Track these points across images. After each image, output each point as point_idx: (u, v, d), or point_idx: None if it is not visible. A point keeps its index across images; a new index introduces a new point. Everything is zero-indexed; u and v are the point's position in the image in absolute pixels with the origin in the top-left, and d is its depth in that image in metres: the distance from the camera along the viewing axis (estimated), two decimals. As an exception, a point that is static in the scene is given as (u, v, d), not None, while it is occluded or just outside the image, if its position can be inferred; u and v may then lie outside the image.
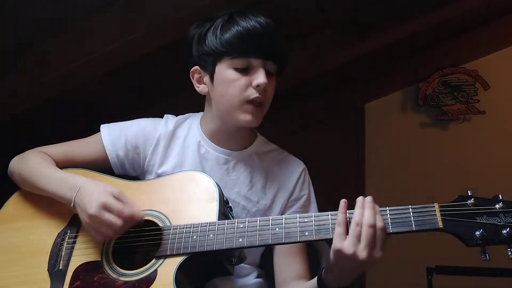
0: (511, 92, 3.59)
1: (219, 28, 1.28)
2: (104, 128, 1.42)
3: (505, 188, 3.61)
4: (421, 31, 3.06)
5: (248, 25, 1.25)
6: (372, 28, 2.74)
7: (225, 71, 1.28)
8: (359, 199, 1.10)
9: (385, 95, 3.82)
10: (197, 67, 1.35)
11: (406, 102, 3.78)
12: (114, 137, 1.39)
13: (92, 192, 1.19)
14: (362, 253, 1.05)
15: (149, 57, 2.15)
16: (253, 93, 1.27)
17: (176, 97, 2.65)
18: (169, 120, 1.44)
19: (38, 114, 2.27)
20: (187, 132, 1.42)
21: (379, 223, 1.06)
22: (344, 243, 1.06)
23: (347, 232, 1.07)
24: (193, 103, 1.49)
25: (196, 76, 1.36)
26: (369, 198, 1.10)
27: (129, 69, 2.20)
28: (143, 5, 1.90)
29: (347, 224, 1.08)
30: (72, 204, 1.21)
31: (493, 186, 3.30)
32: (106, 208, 1.15)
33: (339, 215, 1.09)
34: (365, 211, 1.08)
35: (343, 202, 1.10)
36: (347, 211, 1.10)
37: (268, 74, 1.28)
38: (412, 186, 3.55)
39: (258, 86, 1.26)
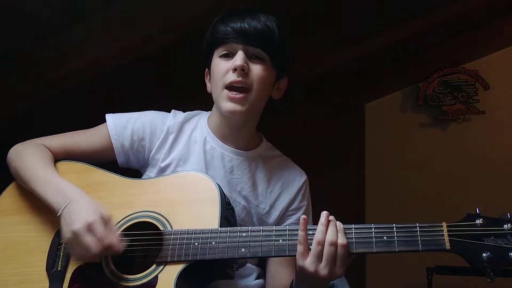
0: (511, 92, 3.59)
1: (212, 27, 1.34)
2: (109, 117, 1.40)
3: (505, 188, 3.63)
4: (421, 31, 3.06)
5: (231, 16, 1.30)
6: (372, 28, 2.74)
7: (214, 61, 1.32)
8: (323, 214, 1.11)
9: (385, 95, 3.82)
10: (207, 69, 1.40)
11: (406, 102, 3.78)
12: (120, 127, 1.38)
13: (82, 209, 1.15)
14: (323, 271, 1.07)
15: (149, 57, 2.15)
16: (231, 77, 1.27)
17: (176, 97, 2.65)
18: (177, 114, 1.44)
19: (38, 114, 2.27)
20: (194, 127, 1.42)
21: (341, 241, 1.08)
22: (305, 262, 1.08)
23: (308, 249, 1.09)
24: (193, 103, 1.49)
25: (208, 77, 1.40)
26: (332, 217, 1.11)
27: (129, 69, 2.20)
28: (143, 5, 1.90)
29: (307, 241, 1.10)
30: (58, 214, 1.17)
31: (493, 186, 3.33)
32: (90, 229, 1.11)
33: (300, 233, 1.10)
34: (329, 228, 1.09)
35: (302, 219, 1.11)
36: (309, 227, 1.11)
37: (254, 58, 1.29)
38: (412, 186, 3.56)
39: (235, 69, 1.26)
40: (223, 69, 1.28)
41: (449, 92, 3.68)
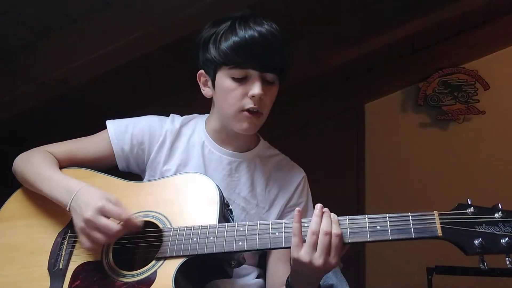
0: (511, 92, 3.60)
1: (219, 37, 1.28)
2: (110, 123, 1.43)
3: (504, 188, 3.62)
4: (421, 31, 3.07)
5: (246, 36, 1.25)
6: (372, 28, 2.74)
7: (223, 79, 1.29)
8: (317, 206, 1.13)
9: (385, 95, 3.83)
10: (202, 70, 1.37)
11: (406, 102, 3.78)
12: (119, 131, 1.40)
13: (89, 197, 1.17)
14: (318, 260, 1.08)
15: (149, 57, 2.15)
16: (248, 103, 1.28)
17: (176, 97, 2.65)
18: (176, 119, 1.45)
19: (38, 114, 2.27)
20: (192, 132, 1.43)
21: (335, 231, 1.09)
22: (300, 252, 1.09)
23: (302, 241, 1.10)
24: (193, 102, 1.49)
25: (202, 79, 1.38)
26: (326, 209, 1.13)
27: (129, 69, 2.20)
28: (143, 5, 1.90)
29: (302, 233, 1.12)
30: (68, 208, 1.20)
31: (493, 186, 3.34)
32: (102, 212, 1.13)
33: (294, 224, 1.11)
34: (323, 219, 1.11)
35: (297, 211, 1.12)
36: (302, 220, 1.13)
37: (266, 83, 1.29)
38: (412, 186, 3.56)
39: (253, 96, 1.27)
40: (238, 93, 1.27)
41: (449, 92, 3.69)
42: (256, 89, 1.26)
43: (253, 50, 1.25)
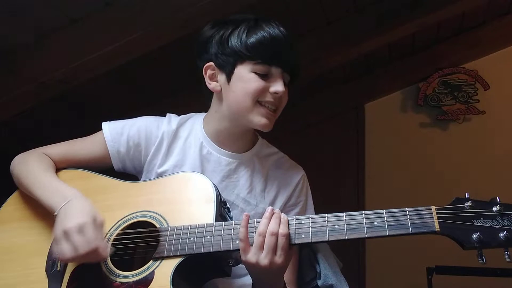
0: (511, 92, 3.59)
1: (245, 31, 1.30)
2: (105, 125, 1.43)
3: (504, 188, 3.63)
4: (421, 31, 3.06)
5: (274, 33, 1.29)
6: (372, 28, 2.74)
7: (245, 73, 1.30)
8: (268, 209, 1.16)
9: (385, 95, 3.83)
10: (211, 63, 1.35)
11: (406, 102, 3.78)
12: (115, 133, 1.40)
13: (77, 210, 1.17)
14: (264, 260, 1.11)
15: (149, 57, 2.15)
16: (268, 97, 1.30)
17: (175, 97, 2.65)
18: (172, 119, 1.44)
19: (38, 114, 2.27)
20: (189, 132, 1.42)
21: (282, 231, 1.12)
22: (248, 255, 1.13)
23: (249, 245, 1.14)
24: (193, 102, 1.49)
25: (209, 72, 1.36)
26: (277, 210, 1.16)
27: (129, 69, 2.20)
28: (143, 5, 1.90)
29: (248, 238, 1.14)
30: (55, 213, 1.19)
31: (493, 186, 3.34)
32: (80, 229, 1.12)
33: (241, 229, 1.14)
34: (271, 220, 1.13)
35: (245, 216, 1.15)
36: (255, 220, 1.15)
37: (284, 84, 1.32)
38: (412, 186, 3.56)
39: (275, 93, 1.29)
40: (260, 87, 1.29)
41: (449, 92, 3.68)
42: (279, 86, 1.29)
43: (279, 48, 1.29)
